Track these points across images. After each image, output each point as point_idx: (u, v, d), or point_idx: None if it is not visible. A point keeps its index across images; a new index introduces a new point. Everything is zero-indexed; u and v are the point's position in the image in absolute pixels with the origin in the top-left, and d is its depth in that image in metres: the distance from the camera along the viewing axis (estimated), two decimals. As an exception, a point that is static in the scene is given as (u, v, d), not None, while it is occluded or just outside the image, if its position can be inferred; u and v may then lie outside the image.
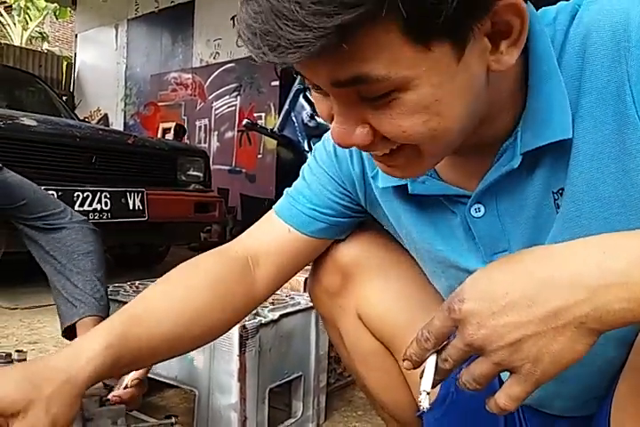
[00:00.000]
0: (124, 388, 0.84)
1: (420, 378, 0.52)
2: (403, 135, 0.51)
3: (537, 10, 0.58)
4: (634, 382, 0.58)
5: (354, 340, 0.89)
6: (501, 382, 0.50)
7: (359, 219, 0.84)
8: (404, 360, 0.53)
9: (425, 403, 0.51)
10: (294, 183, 0.84)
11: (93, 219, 2.72)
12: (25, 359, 1.12)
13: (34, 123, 2.81)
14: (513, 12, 0.48)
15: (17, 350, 1.28)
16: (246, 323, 1.17)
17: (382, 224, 0.82)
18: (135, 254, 3.82)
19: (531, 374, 0.46)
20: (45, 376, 0.59)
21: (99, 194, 2.77)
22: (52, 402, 0.58)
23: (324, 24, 0.42)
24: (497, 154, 0.61)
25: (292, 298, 1.39)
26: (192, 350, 0.81)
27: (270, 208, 0.85)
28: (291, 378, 1.33)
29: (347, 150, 0.77)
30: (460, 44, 0.47)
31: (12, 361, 0.88)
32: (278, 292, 1.46)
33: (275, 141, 4.57)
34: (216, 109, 5.95)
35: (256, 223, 0.85)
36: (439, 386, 0.81)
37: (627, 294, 0.43)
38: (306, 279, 1.51)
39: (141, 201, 2.96)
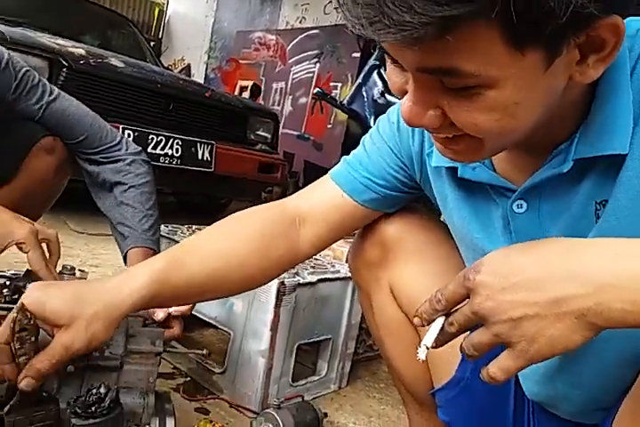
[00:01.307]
0: (165, 319, 0.91)
1: (425, 332, 0.56)
2: (473, 127, 0.53)
3: None
4: (638, 402, 0.59)
5: (383, 311, 0.93)
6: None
7: (411, 195, 0.85)
8: (414, 317, 0.57)
9: (422, 355, 0.54)
10: (353, 151, 0.86)
11: (163, 163, 2.86)
12: (85, 279, 1.24)
13: (121, 64, 2.94)
14: (612, 31, 0.49)
15: (79, 270, 1.41)
16: (286, 280, 1.24)
17: (433, 204, 0.84)
18: (198, 203, 3.98)
19: (524, 352, 0.49)
20: (92, 298, 0.65)
21: (171, 140, 2.90)
22: (93, 322, 0.64)
23: (431, 12, 0.42)
24: (550, 155, 0.62)
25: (334, 266, 1.45)
26: (228, 295, 0.86)
27: (332, 178, 0.87)
28: (320, 339, 1.40)
29: None
30: (553, 54, 0.48)
31: (74, 274, 0.98)
32: (321, 258, 1.53)
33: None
34: (294, 74, 5.98)
35: (310, 185, 0.88)
36: (455, 368, 0.85)
37: (630, 297, 0.45)
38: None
39: (210, 153, 3.07)
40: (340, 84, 5.46)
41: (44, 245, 0.92)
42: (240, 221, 0.82)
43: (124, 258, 1.20)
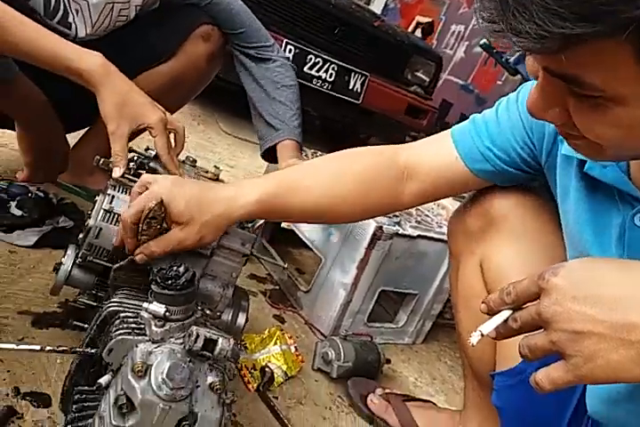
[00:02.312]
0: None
1: (487, 319, 0.54)
2: (593, 135, 0.50)
3: None
4: None
5: (467, 282, 0.90)
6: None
7: (527, 175, 0.81)
8: (482, 302, 0.55)
9: (474, 340, 0.53)
10: (486, 111, 0.82)
11: (315, 85, 2.88)
12: (218, 176, 1.35)
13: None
14: None
15: (215, 166, 1.51)
16: (385, 226, 1.23)
17: (552, 192, 0.79)
18: (339, 132, 4.00)
19: (576, 368, 0.46)
20: (208, 207, 0.75)
21: (328, 64, 2.89)
22: (205, 227, 0.75)
23: (552, 27, 0.40)
24: None
25: (440, 226, 1.40)
26: (325, 223, 1.00)
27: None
28: (405, 292, 1.39)
29: None
30: None
31: (194, 166, 1.06)
32: (431, 215, 1.48)
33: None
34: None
35: (428, 138, 0.87)
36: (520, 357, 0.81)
37: None
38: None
39: (362, 84, 3.03)
40: (522, 39, 4.99)
41: (171, 135, 0.99)
42: (353, 158, 0.85)
43: (266, 150, 1.29)
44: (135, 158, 0.94)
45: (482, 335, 0.53)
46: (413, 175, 0.83)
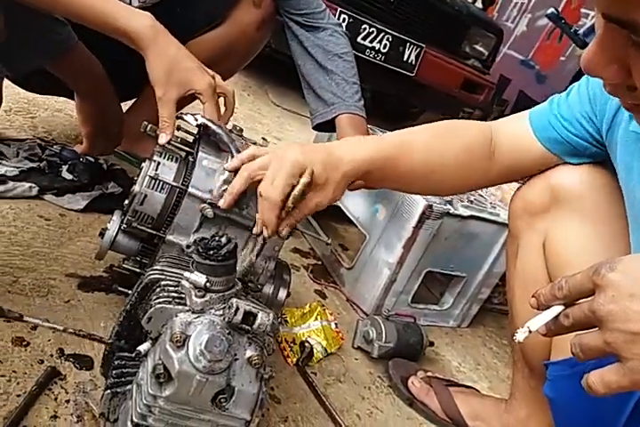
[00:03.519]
0: None
1: (536, 314, 0.51)
2: None
3: None
4: None
5: (526, 263, 0.86)
6: None
7: (592, 148, 0.79)
8: (532, 296, 0.52)
9: (520, 337, 0.50)
10: (563, 93, 0.83)
11: (368, 56, 2.80)
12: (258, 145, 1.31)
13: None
14: None
15: (262, 138, 1.47)
16: (435, 205, 1.17)
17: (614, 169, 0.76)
18: (391, 105, 3.90)
19: (633, 372, 0.43)
20: (338, 166, 0.76)
21: (382, 34, 2.79)
22: (338, 186, 0.77)
23: None
24: None
25: (494, 207, 1.34)
26: (419, 193, 1.05)
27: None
28: (453, 274, 1.34)
29: None
30: None
31: (241, 135, 1.02)
32: (485, 196, 1.42)
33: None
34: (544, -11, 5.27)
35: (512, 116, 0.89)
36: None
37: None
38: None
39: (417, 56, 2.92)
40: (591, 14, 4.70)
41: (220, 99, 0.96)
42: (461, 131, 0.87)
43: (320, 126, 1.23)
44: (183, 126, 0.92)
45: (529, 332, 0.50)
46: (496, 152, 0.85)
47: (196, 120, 0.91)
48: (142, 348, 0.68)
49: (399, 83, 3.03)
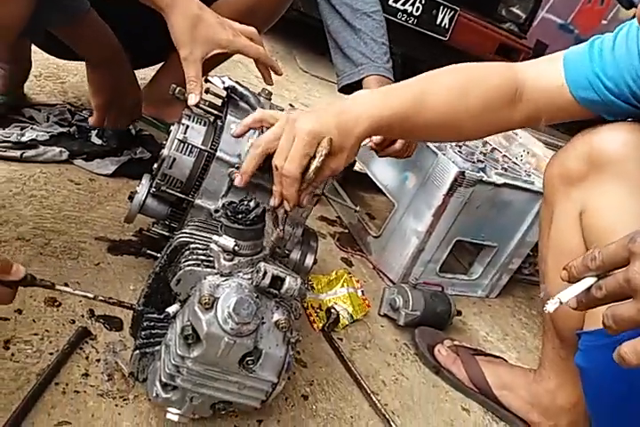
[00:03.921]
0: None
1: (567, 286, 0.49)
2: None
3: None
4: None
5: (561, 231, 0.83)
6: None
7: (632, 109, 0.74)
8: (563, 269, 0.50)
9: (551, 307, 0.48)
10: (606, 35, 0.75)
11: (400, 19, 2.70)
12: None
13: None
14: None
15: (290, 104, 1.44)
16: (467, 172, 1.14)
17: None
18: (419, 71, 3.79)
19: None
20: (352, 129, 0.72)
21: (415, -4, 2.69)
22: (352, 150, 0.74)
23: None
24: None
25: (529, 175, 1.29)
26: (430, 142, 1.02)
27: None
28: (484, 243, 1.32)
29: None
30: None
31: (270, 99, 1.00)
32: (519, 163, 1.37)
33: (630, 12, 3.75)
34: (588, -53, 4.99)
35: (542, 58, 0.82)
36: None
37: None
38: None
39: (450, 20, 2.81)
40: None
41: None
42: (479, 75, 0.82)
43: (346, 88, 1.19)
44: (211, 89, 0.90)
45: (560, 303, 0.48)
46: (523, 97, 0.79)
47: (224, 83, 0.89)
48: (171, 310, 0.69)
49: (432, 47, 2.93)
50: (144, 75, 1.49)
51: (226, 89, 0.89)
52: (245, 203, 0.68)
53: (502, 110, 0.80)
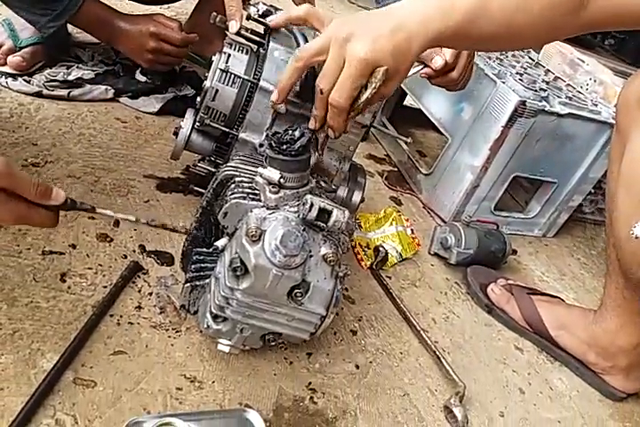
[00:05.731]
0: None
1: None
2: None
3: None
4: None
5: (634, 164, 0.75)
6: None
7: None
8: None
9: (638, 231, 0.47)
10: None
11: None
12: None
13: None
14: None
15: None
16: (529, 101, 1.06)
17: None
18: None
19: None
20: (407, 51, 0.63)
21: None
22: (405, 72, 0.65)
23: None
24: None
25: (596, 105, 1.19)
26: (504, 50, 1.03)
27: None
28: (543, 179, 1.24)
29: None
30: None
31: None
32: (585, 92, 1.26)
33: None
34: None
35: None
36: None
37: None
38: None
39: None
40: None
41: None
42: None
43: None
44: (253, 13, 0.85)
45: None
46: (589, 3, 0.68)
47: (258, 11, 0.84)
48: (219, 243, 0.68)
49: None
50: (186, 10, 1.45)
51: (263, 15, 0.83)
52: (290, 132, 0.65)
53: (568, 18, 0.70)
